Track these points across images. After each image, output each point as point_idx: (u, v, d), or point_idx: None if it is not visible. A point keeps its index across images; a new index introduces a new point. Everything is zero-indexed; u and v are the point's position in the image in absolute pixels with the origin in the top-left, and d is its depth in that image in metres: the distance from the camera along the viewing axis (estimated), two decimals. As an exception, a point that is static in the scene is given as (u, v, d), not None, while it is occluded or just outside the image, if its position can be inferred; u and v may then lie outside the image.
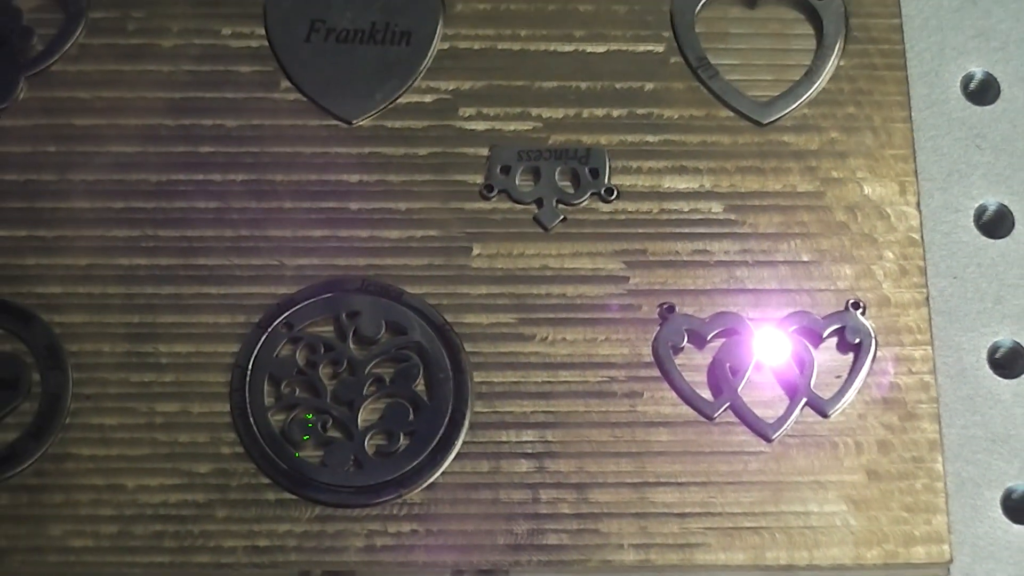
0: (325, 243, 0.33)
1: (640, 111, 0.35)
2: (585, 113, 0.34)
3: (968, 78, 0.36)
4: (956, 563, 0.32)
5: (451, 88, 0.34)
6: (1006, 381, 0.34)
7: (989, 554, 0.32)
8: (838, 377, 0.33)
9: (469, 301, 0.33)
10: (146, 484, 0.31)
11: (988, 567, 0.32)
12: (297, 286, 0.33)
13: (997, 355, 0.34)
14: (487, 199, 0.34)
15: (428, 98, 0.34)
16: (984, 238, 0.35)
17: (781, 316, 0.33)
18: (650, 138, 0.34)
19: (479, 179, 0.34)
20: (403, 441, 0.32)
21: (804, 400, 0.32)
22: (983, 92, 0.36)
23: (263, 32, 0.35)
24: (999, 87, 0.36)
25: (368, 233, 0.33)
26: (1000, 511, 0.33)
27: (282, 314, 0.33)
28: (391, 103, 0.34)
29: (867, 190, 0.34)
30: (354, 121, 0.34)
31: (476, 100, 0.34)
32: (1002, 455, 0.33)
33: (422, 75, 0.35)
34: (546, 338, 0.33)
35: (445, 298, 0.33)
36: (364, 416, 0.32)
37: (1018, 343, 0.34)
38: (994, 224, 0.35)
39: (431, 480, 0.31)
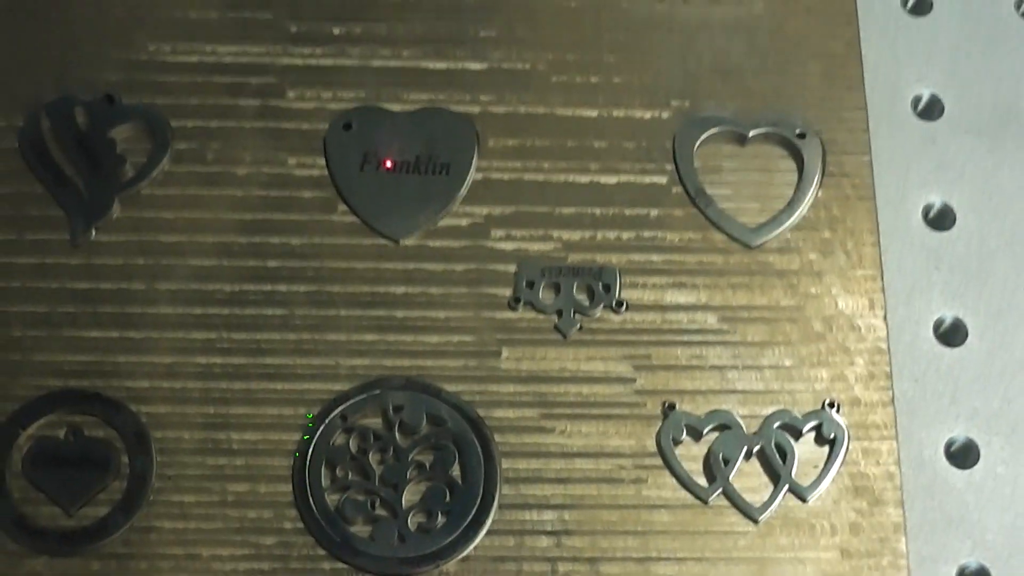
0: (375, 346, 0.34)
1: (646, 234, 0.36)
2: (599, 236, 0.36)
3: (928, 207, 0.37)
4: (918, 631, 0.33)
5: (484, 213, 0.36)
6: (960, 471, 0.34)
7: (946, 622, 0.33)
8: (815, 467, 0.34)
9: (498, 398, 0.34)
10: (219, 554, 0.32)
11: (945, 633, 0.33)
12: (350, 383, 0.34)
13: (952, 449, 0.35)
14: (514, 309, 0.35)
15: (464, 221, 0.35)
16: (942, 347, 0.35)
17: (767, 413, 0.34)
18: (654, 258, 0.35)
19: (507, 292, 0.35)
20: (441, 519, 0.33)
21: (786, 487, 0.33)
22: (941, 219, 0.37)
23: (323, 163, 0.36)
24: (955, 215, 0.37)
25: (412, 338, 0.34)
26: None
27: (337, 408, 0.34)
28: (433, 225, 0.35)
29: (840, 305, 0.35)
30: (401, 241, 0.35)
31: (505, 223, 0.35)
32: (956, 536, 0.34)
33: (459, 201, 0.36)
34: (564, 431, 0.34)
35: (478, 395, 0.34)
36: (407, 497, 0.33)
37: (971, 439, 0.35)
38: (950, 334, 0.36)
39: (465, 553, 0.32)
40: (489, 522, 0.33)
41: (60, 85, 0.36)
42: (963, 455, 0.35)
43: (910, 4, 0.39)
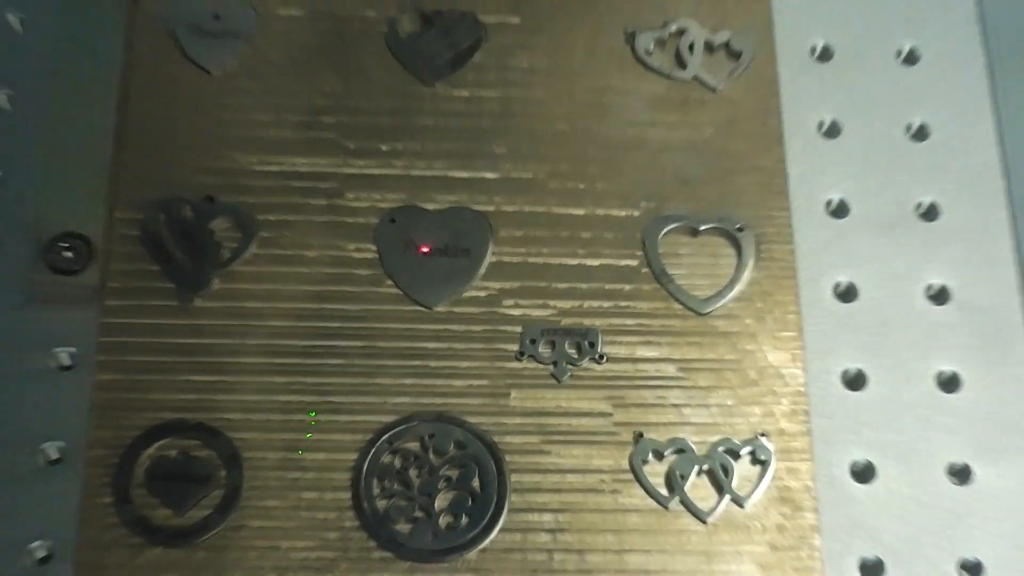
0: (413, 388, 0.39)
1: (622, 304, 0.41)
2: (585, 304, 0.40)
3: (837, 284, 0.42)
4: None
5: (497, 287, 0.40)
6: (861, 486, 0.39)
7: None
8: (750, 482, 0.39)
9: (508, 428, 0.39)
10: (294, 546, 0.37)
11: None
12: (395, 416, 0.39)
13: (855, 468, 0.40)
14: (520, 361, 0.40)
15: (482, 293, 0.40)
16: (847, 391, 0.41)
17: (713, 440, 0.39)
18: (628, 322, 0.40)
19: (515, 347, 0.40)
20: (464, 520, 0.38)
21: (728, 497, 0.39)
22: (848, 294, 0.42)
23: (374, 248, 0.41)
24: (858, 290, 0.42)
25: (442, 382, 0.39)
26: (858, 573, 0.39)
27: (384, 435, 0.38)
28: (458, 296, 0.40)
29: (770, 358, 0.40)
30: (433, 308, 0.40)
31: (513, 295, 0.40)
32: (858, 535, 0.39)
33: (478, 278, 0.40)
34: (558, 453, 0.39)
35: (492, 425, 0.39)
36: (439, 503, 0.38)
37: (870, 460, 0.39)
38: (855, 382, 0.41)
39: (482, 546, 0.37)
40: (501, 522, 0.38)
41: (172, 188, 0.41)
42: (864, 474, 0.39)
43: (824, 128, 0.44)
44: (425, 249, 0.41)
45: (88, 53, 0.43)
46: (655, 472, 0.40)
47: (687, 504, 0.39)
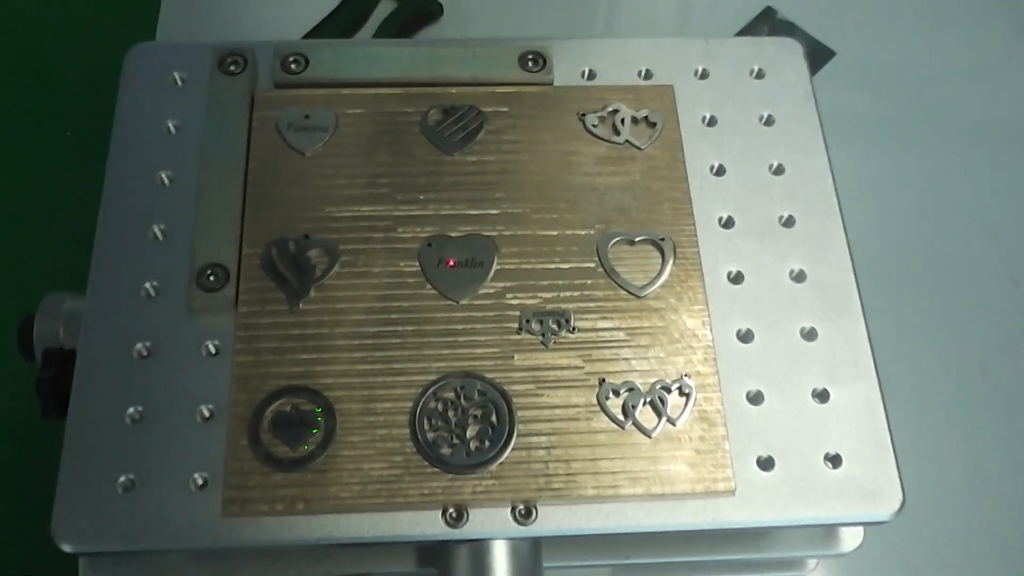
0: (448, 356, 0.36)
1: (586, 293, 0.38)
2: (562, 295, 0.38)
3: (729, 273, 0.39)
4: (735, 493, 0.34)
5: (501, 286, 0.38)
6: (753, 407, 0.36)
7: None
8: (679, 408, 0.36)
9: (514, 380, 0.36)
10: (372, 466, 0.34)
11: (746, 498, 0.34)
12: (437, 375, 0.36)
13: (749, 396, 0.36)
14: (519, 334, 0.37)
15: (492, 291, 0.37)
16: (741, 344, 0.37)
17: (652, 381, 0.36)
18: (591, 304, 0.38)
19: (516, 325, 0.37)
20: (487, 444, 0.35)
21: (664, 419, 0.36)
22: (737, 279, 0.38)
23: (417, 265, 0.38)
24: (744, 276, 0.39)
25: (467, 351, 0.36)
26: (755, 465, 0.35)
27: (430, 388, 0.36)
28: (475, 293, 0.37)
29: (687, 324, 0.37)
30: (459, 302, 0.37)
31: (514, 291, 0.38)
32: (754, 441, 0.35)
33: (489, 281, 0.38)
34: (549, 396, 0.36)
35: (503, 379, 0.36)
36: (469, 433, 0.35)
37: (759, 390, 0.36)
38: (745, 337, 0.37)
39: (500, 461, 0.35)
40: (512, 444, 0.35)
41: (281, 231, 0.38)
42: (755, 399, 0.37)
43: (714, 171, 0.41)
44: (452, 263, 0.38)
45: (223, 145, 0.41)
46: (614, 405, 0.36)
47: (638, 425, 0.36)
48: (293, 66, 0.42)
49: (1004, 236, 0.53)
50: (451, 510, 0.34)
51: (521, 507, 0.34)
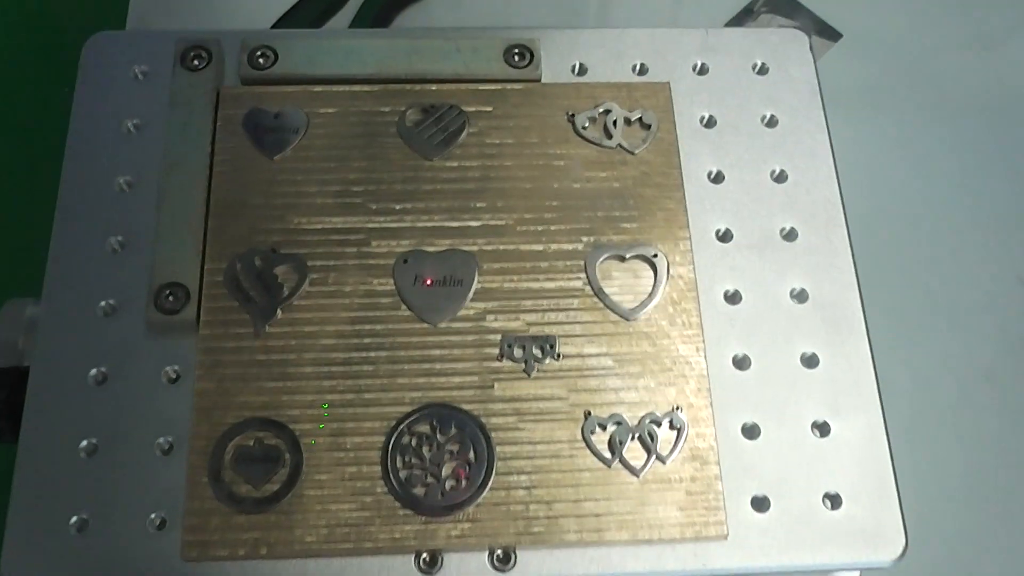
0: (424, 386, 0.32)
1: (572, 315, 0.33)
2: (546, 316, 0.33)
3: (726, 292, 0.34)
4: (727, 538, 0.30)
5: (482, 307, 0.33)
6: (749, 441, 0.32)
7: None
8: (670, 444, 0.32)
9: (493, 411, 0.32)
10: (341, 508, 0.30)
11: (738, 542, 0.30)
12: (411, 407, 0.32)
13: (744, 429, 0.32)
14: (500, 361, 0.32)
15: (471, 312, 0.33)
16: (737, 371, 0.33)
17: (641, 414, 0.32)
18: (577, 328, 0.33)
19: (497, 351, 0.32)
20: (463, 483, 0.30)
21: (654, 456, 0.31)
22: (734, 299, 0.34)
23: (392, 283, 0.33)
24: (742, 296, 0.34)
25: (445, 379, 0.32)
26: (750, 506, 0.31)
27: (404, 421, 0.31)
28: (454, 315, 0.33)
29: (681, 351, 0.33)
30: (437, 325, 0.33)
31: (495, 312, 0.33)
32: (749, 479, 0.31)
33: (468, 301, 0.33)
34: (531, 429, 0.31)
35: (482, 410, 0.32)
36: (444, 471, 0.31)
37: (755, 422, 0.32)
38: (741, 363, 0.33)
39: (477, 502, 0.30)
40: (490, 483, 0.31)
41: (247, 243, 0.34)
42: (751, 432, 0.32)
43: (712, 177, 0.36)
44: (429, 282, 0.34)
45: (185, 147, 0.35)
46: (600, 440, 0.32)
47: (625, 463, 0.31)
48: (261, 60, 0.37)
49: (1013, 233, 0.47)
50: (425, 555, 0.30)
51: (499, 552, 0.30)
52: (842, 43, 0.52)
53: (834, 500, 0.31)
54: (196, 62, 0.37)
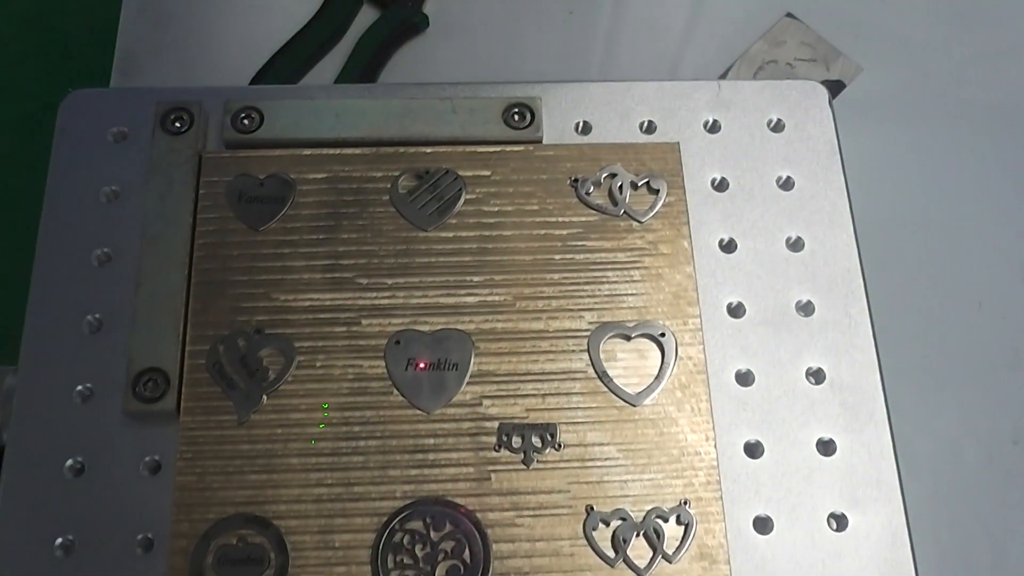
0: (416, 477, 0.31)
1: (574, 400, 0.32)
2: (546, 401, 0.32)
3: (738, 373, 0.33)
4: None
5: (479, 391, 0.32)
6: (761, 536, 0.31)
7: None
8: (677, 540, 0.30)
9: (490, 506, 0.31)
10: None
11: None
12: (404, 500, 0.31)
13: (757, 523, 0.31)
14: (497, 451, 0.31)
15: (467, 397, 0.32)
16: (748, 460, 0.32)
17: (647, 508, 0.31)
18: (579, 414, 0.32)
19: (494, 439, 0.32)
20: None
21: (660, 555, 0.30)
22: (745, 379, 0.33)
23: (383, 366, 0.32)
24: (755, 377, 0.33)
25: (438, 471, 0.31)
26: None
27: (396, 518, 0.30)
28: (449, 401, 0.32)
29: (689, 439, 0.32)
30: (430, 412, 0.32)
31: (491, 397, 0.32)
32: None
33: (464, 385, 0.32)
34: (530, 525, 0.30)
35: (478, 504, 0.31)
36: (439, 572, 0.30)
37: (768, 515, 0.31)
38: (753, 451, 0.32)
39: None
40: None
41: (230, 324, 0.33)
42: (764, 525, 0.31)
43: (723, 245, 0.35)
44: (422, 365, 0.32)
45: (165, 219, 0.35)
46: (603, 537, 0.31)
47: (628, 563, 0.30)
48: (245, 122, 0.36)
49: None
50: (417, 664, 0.29)
51: (497, 659, 0.29)
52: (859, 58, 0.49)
53: (853, 603, 0.30)
54: (177, 124, 0.36)
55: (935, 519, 0.41)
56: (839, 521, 0.31)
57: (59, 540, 0.30)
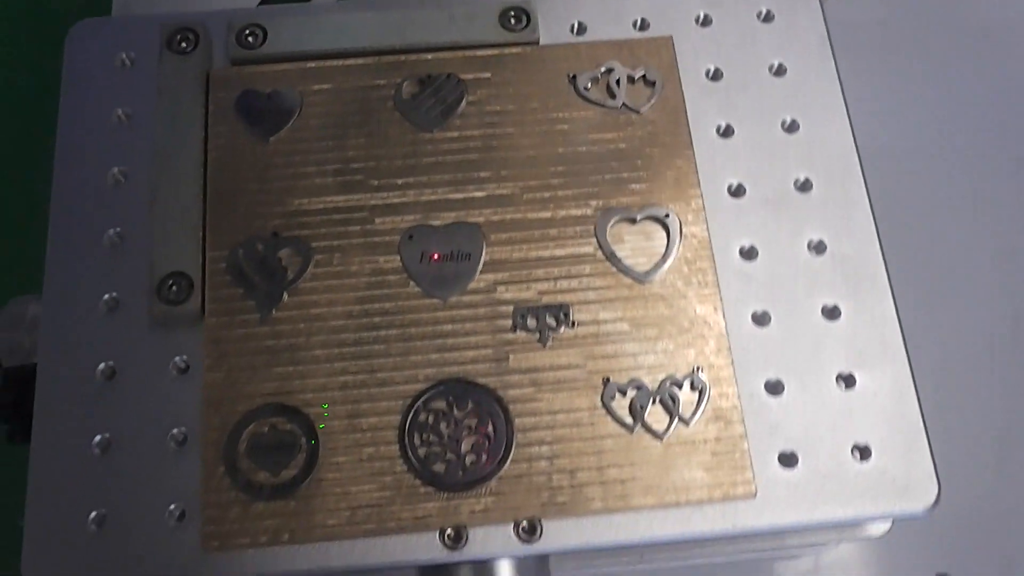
0: (438, 360, 0.32)
1: (584, 281, 0.33)
2: (558, 284, 0.33)
3: (742, 248, 0.34)
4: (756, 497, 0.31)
5: (492, 279, 0.33)
6: (773, 398, 0.32)
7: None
8: (692, 405, 0.32)
9: (510, 383, 0.32)
10: (361, 489, 0.31)
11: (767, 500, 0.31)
12: (426, 383, 0.32)
13: (768, 386, 0.32)
14: (514, 333, 0.32)
15: (482, 284, 0.33)
16: (757, 328, 0.33)
17: (661, 378, 0.32)
18: (590, 294, 0.33)
19: (510, 323, 0.33)
20: (484, 457, 0.31)
21: (677, 419, 0.32)
22: (750, 254, 0.34)
23: (399, 259, 0.33)
24: (758, 252, 0.34)
25: (458, 354, 0.32)
26: (778, 463, 0.31)
27: (419, 398, 0.32)
28: (464, 289, 0.33)
29: (698, 311, 0.33)
30: (447, 300, 0.33)
31: (505, 283, 0.33)
32: (776, 437, 0.31)
33: (477, 274, 0.33)
34: (549, 399, 0.32)
35: (498, 383, 0.32)
36: (464, 447, 0.31)
37: (779, 379, 0.32)
38: (761, 320, 0.33)
39: (499, 475, 0.31)
40: (511, 456, 0.31)
41: (248, 230, 0.34)
42: (775, 388, 0.32)
43: (721, 131, 0.36)
44: (436, 257, 0.34)
45: (178, 135, 0.36)
46: (621, 406, 0.32)
47: (647, 428, 0.32)
48: (250, 39, 0.37)
49: None
50: (449, 531, 0.30)
51: (524, 524, 0.30)
52: None
53: (863, 452, 0.32)
54: (184, 45, 0.37)
55: (942, 397, 0.42)
56: (847, 381, 0.33)
57: (96, 440, 0.32)
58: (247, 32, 0.37)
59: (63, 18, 0.39)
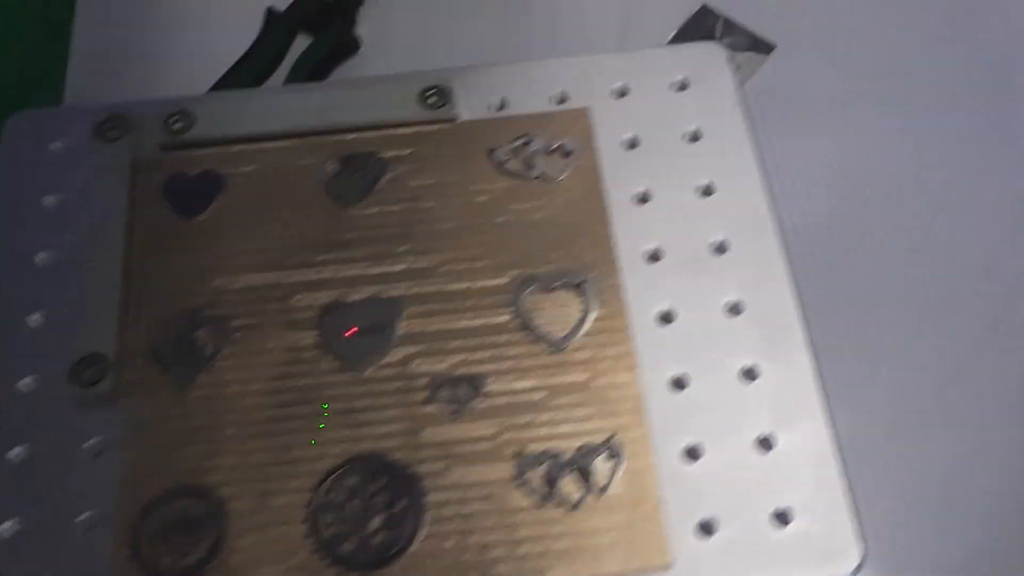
0: (351, 436, 0.32)
1: (498, 351, 0.33)
2: (473, 356, 0.33)
3: (658, 313, 0.34)
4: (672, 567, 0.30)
5: (408, 351, 0.33)
6: (691, 465, 0.31)
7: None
8: (607, 474, 0.31)
9: (423, 458, 0.32)
10: (267, 571, 0.30)
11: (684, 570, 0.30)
12: (338, 460, 0.32)
13: (686, 451, 0.32)
14: (428, 405, 0.32)
15: (398, 358, 0.33)
16: (674, 391, 0.33)
17: (575, 446, 0.32)
18: (505, 364, 0.33)
19: (424, 395, 0.33)
20: (393, 535, 0.30)
21: (591, 488, 0.31)
22: (667, 318, 0.34)
23: (317, 334, 0.33)
24: (674, 314, 0.34)
25: (372, 430, 0.32)
26: (696, 531, 0.31)
27: (329, 476, 0.31)
28: (380, 361, 0.33)
29: (614, 378, 0.33)
30: (364, 373, 0.33)
31: (421, 356, 0.33)
32: (693, 504, 0.31)
33: (393, 346, 0.33)
34: (462, 473, 0.31)
35: (412, 459, 0.31)
36: (374, 525, 0.31)
37: (696, 444, 0.32)
38: (679, 383, 0.33)
39: (409, 552, 0.30)
40: (423, 533, 0.30)
41: (167, 310, 0.34)
42: (693, 453, 0.32)
43: (637, 198, 0.37)
44: (353, 331, 0.34)
45: (102, 219, 0.37)
46: (535, 477, 0.32)
47: (561, 499, 0.31)
48: (176, 125, 0.38)
49: (974, 216, 0.47)
50: (358, 613, 0.30)
51: (436, 603, 0.30)
52: (799, 48, 0.51)
53: (784, 516, 0.31)
54: (112, 133, 0.38)
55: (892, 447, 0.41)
56: (766, 443, 0.32)
57: (7, 523, 0.32)
58: (173, 118, 0.38)
59: (11, 101, 0.40)
